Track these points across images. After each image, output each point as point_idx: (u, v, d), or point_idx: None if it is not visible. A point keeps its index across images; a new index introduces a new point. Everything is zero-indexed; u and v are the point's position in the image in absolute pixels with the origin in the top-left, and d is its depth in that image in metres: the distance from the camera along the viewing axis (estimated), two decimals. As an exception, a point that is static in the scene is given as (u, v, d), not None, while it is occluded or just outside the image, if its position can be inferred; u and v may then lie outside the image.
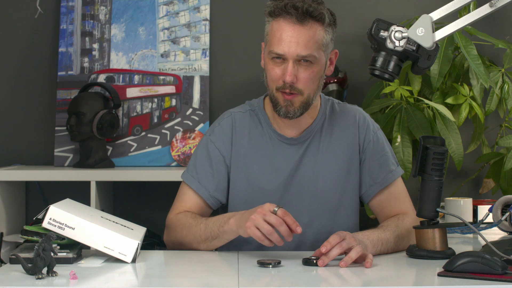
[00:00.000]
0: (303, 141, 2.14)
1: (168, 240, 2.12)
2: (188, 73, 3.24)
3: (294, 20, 1.98)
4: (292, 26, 1.99)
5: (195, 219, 2.05)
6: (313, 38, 1.99)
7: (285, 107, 2.04)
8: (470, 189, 3.30)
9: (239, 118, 2.17)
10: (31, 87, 3.28)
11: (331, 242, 1.82)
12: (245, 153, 2.14)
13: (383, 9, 3.28)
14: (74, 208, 1.91)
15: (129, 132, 3.21)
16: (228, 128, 2.16)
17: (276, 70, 2.02)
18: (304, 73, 2.01)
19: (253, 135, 2.15)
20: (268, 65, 2.04)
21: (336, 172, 2.13)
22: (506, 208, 2.28)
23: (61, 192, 2.54)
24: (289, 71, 1.99)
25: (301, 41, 1.98)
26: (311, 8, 1.98)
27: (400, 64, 1.83)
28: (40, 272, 1.64)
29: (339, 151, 2.14)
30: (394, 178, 2.15)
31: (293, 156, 2.13)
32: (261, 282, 1.70)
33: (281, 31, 2.00)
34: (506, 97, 3.02)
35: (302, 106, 2.05)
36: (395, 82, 2.91)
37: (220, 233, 1.98)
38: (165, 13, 3.27)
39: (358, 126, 2.17)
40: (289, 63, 2.00)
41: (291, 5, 1.98)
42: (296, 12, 1.98)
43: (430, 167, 1.90)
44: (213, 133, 2.17)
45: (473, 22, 1.80)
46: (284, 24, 2.00)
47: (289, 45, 1.99)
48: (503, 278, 1.63)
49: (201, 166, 2.14)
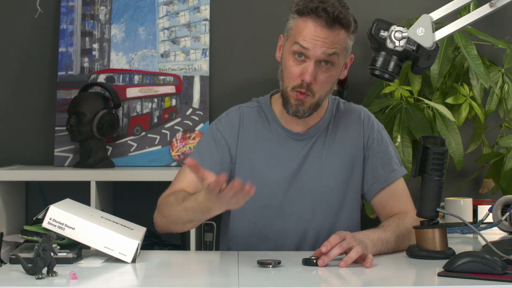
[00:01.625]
0: (310, 138, 2.15)
1: (156, 219, 2.09)
2: (188, 73, 3.24)
3: (323, 23, 1.99)
4: (320, 28, 2.00)
5: (177, 200, 2.00)
6: (338, 43, 2.02)
7: (296, 106, 2.06)
8: (470, 189, 3.30)
9: (247, 112, 2.19)
10: (31, 87, 3.28)
11: (331, 242, 1.82)
12: (251, 146, 2.15)
13: (383, 9, 3.28)
14: (74, 208, 1.91)
15: (129, 132, 3.21)
16: (236, 120, 2.17)
17: (295, 68, 2.03)
18: (323, 75, 2.03)
19: (259, 129, 2.16)
20: (288, 61, 2.05)
21: (340, 169, 2.14)
22: (506, 208, 2.28)
23: (61, 192, 2.53)
24: (310, 71, 2.01)
25: (327, 43, 2.00)
26: (341, 15, 2.00)
27: (400, 64, 1.83)
28: (40, 272, 1.64)
29: (343, 149, 2.15)
30: (396, 177, 2.15)
31: (299, 151, 2.14)
32: (261, 282, 1.70)
33: (309, 30, 2.01)
34: (506, 97, 3.02)
35: (312, 107, 2.07)
36: (395, 82, 2.91)
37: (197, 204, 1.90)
38: (165, 13, 3.27)
39: (363, 125, 2.18)
40: (311, 63, 2.01)
41: (322, 8, 1.99)
42: (326, 16, 1.99)
43: (430, 167, 1.90)
44: (220, 123, 2.18)
45: (473, 22, 1.80)
46: (313, 25, 2.01)
47: (314, 43, 2.00)
48: (503, 278, 1.63)
49: (205, 152, 2.14)
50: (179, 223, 2.01)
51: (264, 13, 3.28)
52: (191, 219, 1.96)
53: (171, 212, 2.01)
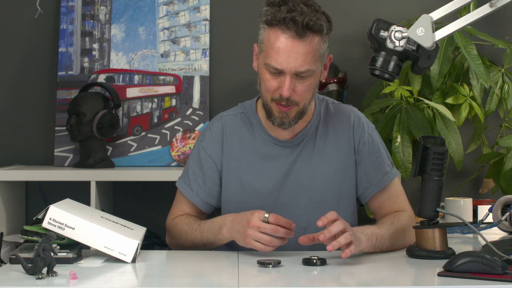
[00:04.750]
0: (297, 144, 2.12)
1: (171, 243, 2.17)
2: (188, 73, 3.24)
3: (293, 34, 1.93)
4: (291, 41, 1.93)
5: (190, 227, 2.09)
6: (311, 52, 1.95)
7: (280, 118, 2.02)
8: (470, 189, 3.30)
9: (230, 121, 2.16)
10: (31, 87, 3.28)
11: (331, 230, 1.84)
12: (237, 156, 2.13)
13: (383, 9, 3.28)
14: (74, 208, 1.91)
15: (129, 132, 3.21)
16: (218, 132, 2.15)
17: (272, 82, 1.99)
18: (301, 86, 1.98)
19: (244, 138, 2.14)
20: (264, 75, 2.00)
21: (332, 174, 2.12)
22: (506, 208, 2.28)
23: (61, 192, 2.53)
24: (287, 86, 1.96)
25: (300, 56, 1.93)
26: (312, 22, 1.92)
27: (400, 64, 1.83)
28: (40, 272, 1.64)
29: (334, 153, 2.13)
30: (390, 180, 2.14)
31: (286, 158, 2.11)
32: (261, 282, 1.70)
33: (279, 45, 1.94)
34: (506, 97, 3.02)
35: (297, 115, 2.03)
36: (395, 82, 2.91)
37: (216, 241, 2.04)
38: (165, 13, 3.27)
39: (353, 128, 2.15)
40: (286, 78, 1.96)
41: (290, 18, 1.91)
42: (295, 27, 1.92)
43: (430, 167, 1.90)
44: (204, 139, 2.17)
45: (473, 22, 1.80)
46: (283, 37, 1.94)
47: (287, 60, 1.94)
48: (503, 278, 1.63)
49: (192, 173, 2.16)
50: (194, 247, 2.09)
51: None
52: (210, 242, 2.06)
53: (187, 239, 2.09)
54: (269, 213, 1.88)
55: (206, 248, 2.07)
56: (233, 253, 2.01)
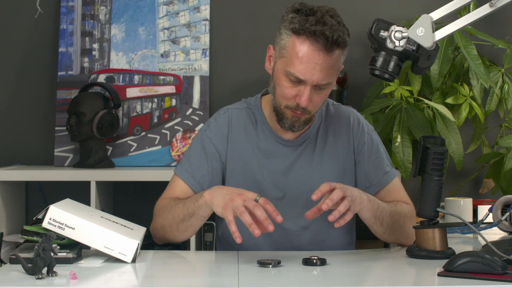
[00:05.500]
0: (299, 144, 2.13)
1: (152, 227, 2.11)
2: (188, 73, 3.24)
3: (321, 47, 1.92)
4: (317, 53, 1.93)
5: (176, 202, 2.03)
6: (334, 66, 1.96)
7: (292, 122, 2.03)
8: (470, 189, 3.30)
9: (236, 115, 2.16)
10: (31, 87, 3.28)
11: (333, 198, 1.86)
12: (241, 150, 2.12)
13: (383, 9, 3.28)
14: (74, 208, 1.91)
15: (129, 132, 3.21)
16: (224, 124, 2.14)
17: (290, 90, 1.98)
18: (318, 96, 2.00)
19: (249, 132, 2.14)
20: (282, 81, 1.99)
21: (331, 174, 2.12)
22: (506, 208, 2.28)
23: (61, 192, 2.53)
24: (306, 97, 1.96)
25: (324, 69, 1.94)
26: (340, 38, 1.92)
27: (400, 64, 1.83)
28: (40, 272, 1.64)
29: (334, 154, 2.14)
30: (390, 179, 2.15)
31: (287, 157, 2.12)
32: (261, 282, 1.70)
33: (306, 55, 1.93)
34: (506, 97, 3.02)
35: (306, 121, 2.05)
36: (395, 82, 2.91)
37: (196, 209, 1.95)
38: (165, 13, 3.27)
39: (353, 128, 2.16)
40: (306, 88, 1.96)
41: (320, 32, 1.91)
42: (325, 42, 1.91)
43: (430, 167, 1.90)
44: (209, 129, 2.15)
45: (473, 22, 1.80)
46: (310, 49, 1.93)
47: (312, 72, 1.94)
48: (503, 278, 1.63)
49: (196, 161, 2.12)
50: (174, 224, 2.01)
51: (264, 13, 3.28)
52: (190, 213, 1.96)
53: (169, 214, 2.01)
54: (261, 196, 1.84)
55: (184, 224, 1.99)
56: (233, 253, 2.01)
